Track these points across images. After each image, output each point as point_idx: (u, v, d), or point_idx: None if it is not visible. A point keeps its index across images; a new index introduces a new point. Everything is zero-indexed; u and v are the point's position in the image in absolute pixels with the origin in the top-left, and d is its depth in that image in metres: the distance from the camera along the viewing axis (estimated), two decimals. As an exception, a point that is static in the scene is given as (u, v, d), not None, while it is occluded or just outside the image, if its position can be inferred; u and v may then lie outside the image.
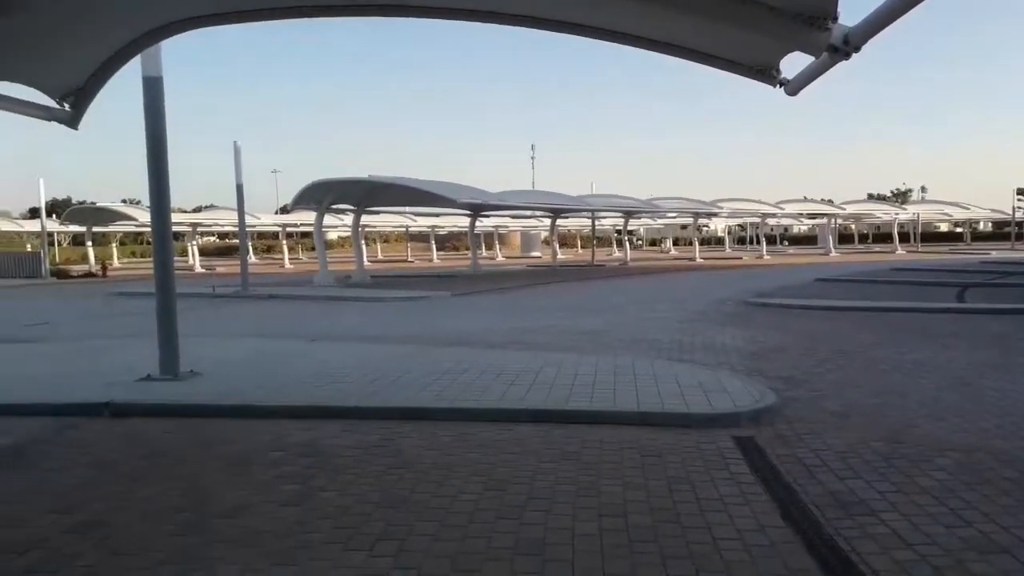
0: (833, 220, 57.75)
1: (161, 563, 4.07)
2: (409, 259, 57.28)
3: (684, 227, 71.33)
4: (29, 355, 10.98)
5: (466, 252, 54.58)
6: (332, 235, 66.19)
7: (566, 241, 76.95)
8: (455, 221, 51.96)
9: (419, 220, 52.58)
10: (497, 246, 62.78)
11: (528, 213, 46.38)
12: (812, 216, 61.97)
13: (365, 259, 32.38)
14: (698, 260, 45.24)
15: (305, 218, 44.61)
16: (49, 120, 6.37)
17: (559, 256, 45.51)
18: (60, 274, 37.98)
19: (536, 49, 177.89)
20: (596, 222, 52.66)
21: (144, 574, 3.95)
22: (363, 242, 32.95)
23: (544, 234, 63.55)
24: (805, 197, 66.52)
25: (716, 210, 48.60)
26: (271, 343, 11.97)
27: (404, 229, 60.01)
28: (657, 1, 4.65)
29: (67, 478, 5.55)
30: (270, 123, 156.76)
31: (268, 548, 4.23)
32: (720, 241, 77.51)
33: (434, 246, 59.34)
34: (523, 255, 62.35)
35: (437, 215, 47.23)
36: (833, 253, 51.17)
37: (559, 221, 45.16)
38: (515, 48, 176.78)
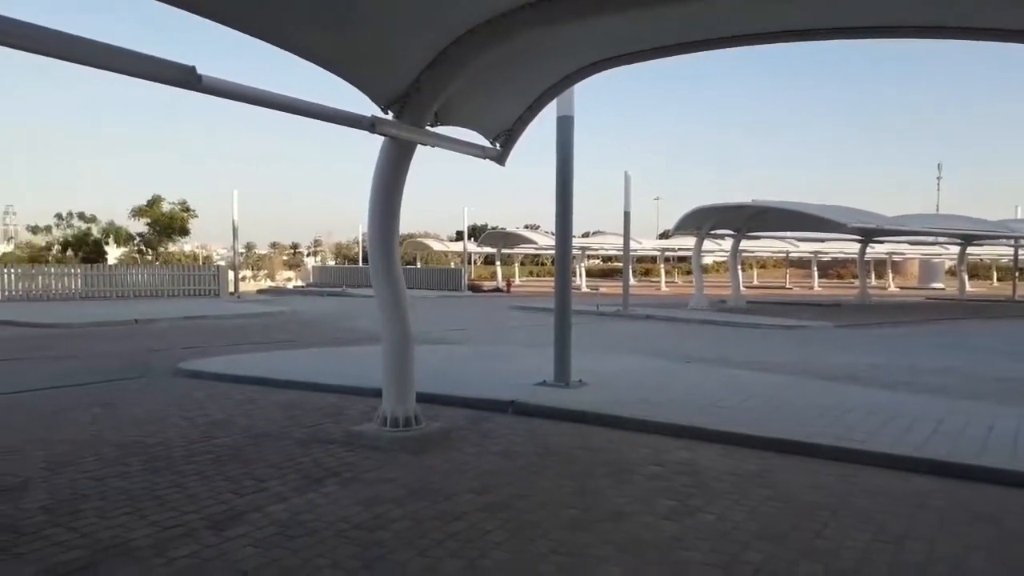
0: None
1: (553, 551, 4.51)
2: (787, 286, 54.64)
3: None
4: (453, 356, 12.99)
5: (851, 280, 50.21)
6: (707, 260, 66.03)
7: (977, 272, 66.28)
8: (841, 247, 48.18)
9: (801, 246, 49.85)
10: (889, 275, 56.65)
11: (930, 239, 41.05)
12: None
13: (741, 284, 31.76)
14: None
15: (681, 243, 45.38)
16: (484, 158, 7.41)
17: (968, 288, 39.42)
18: (474, 288, 44.00)
19: (938, 59, 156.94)
20: (1020, 251, 44.54)
21: (539, 560, 4.41)
22: (739, 267, 32.38)
23: (949, 263, 55.72)
24: None
25: None
26: (648, 361, 12.47)
27: (784, 255, 57.39)
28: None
29: (481, 462, 6.47)
30: (653, 151, 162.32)
31: (648, 558, 4.45)
32: None
33: (815, 272, 55.76)
34: (921, 286, 55.29)
35: (822, 240, 44.28)
36: None
37: (970, 249, 39.17)
38: (918, 59, 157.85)
